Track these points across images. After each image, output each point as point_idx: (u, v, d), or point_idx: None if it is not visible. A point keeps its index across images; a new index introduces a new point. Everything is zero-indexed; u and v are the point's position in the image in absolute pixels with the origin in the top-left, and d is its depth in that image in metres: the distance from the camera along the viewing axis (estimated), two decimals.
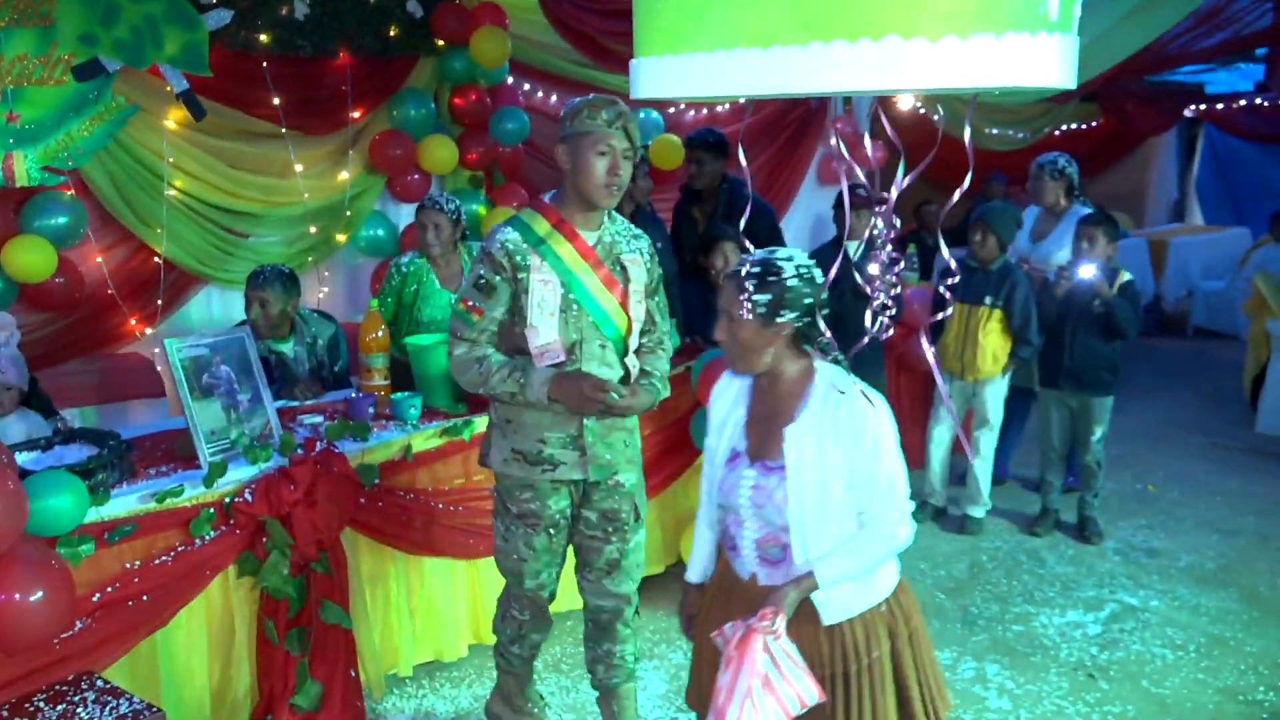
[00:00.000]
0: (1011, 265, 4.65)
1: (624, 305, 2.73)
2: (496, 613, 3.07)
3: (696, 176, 4.98)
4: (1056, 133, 10.40)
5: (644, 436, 3.99)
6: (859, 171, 1.49)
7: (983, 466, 4.83)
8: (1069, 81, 1.11)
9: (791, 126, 7.32)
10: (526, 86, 5.66)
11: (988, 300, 4.60)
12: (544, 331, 2.64)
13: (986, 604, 4.11)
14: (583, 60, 5.64)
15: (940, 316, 3.19)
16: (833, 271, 1.65)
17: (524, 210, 2.76)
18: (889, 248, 1.34)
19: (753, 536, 2.11)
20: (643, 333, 2.84)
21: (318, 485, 2.93)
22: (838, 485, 2.03)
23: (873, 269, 4.66)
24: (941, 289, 2.65)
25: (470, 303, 2.66)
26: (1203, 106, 12.00)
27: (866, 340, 1.38)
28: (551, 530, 2.82)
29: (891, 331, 1.47)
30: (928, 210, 8.28)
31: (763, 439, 2.12)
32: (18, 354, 3.20)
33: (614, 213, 2.79)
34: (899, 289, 1.38)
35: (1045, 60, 1.05)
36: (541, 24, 5.24)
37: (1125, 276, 4.52)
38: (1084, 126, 11.23)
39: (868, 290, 4.66)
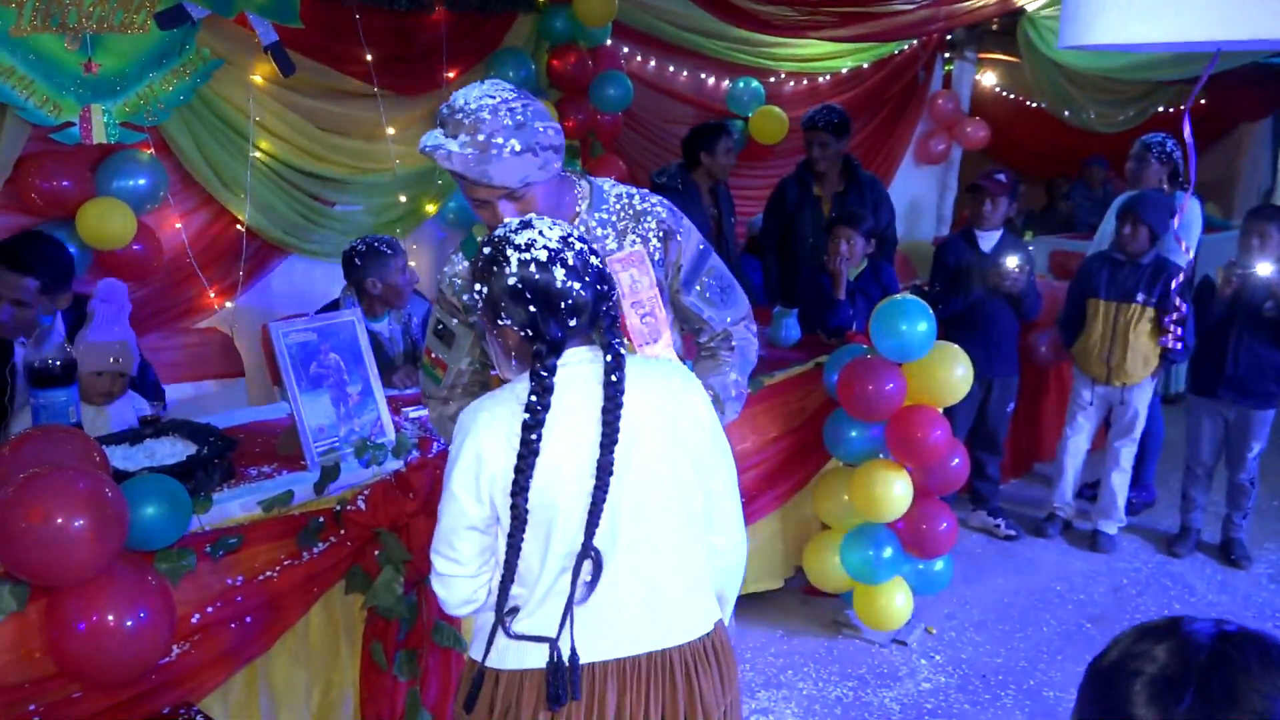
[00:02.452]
0: (1165, 259, 4.22)
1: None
2: None
3: (819, 160, 4.60)
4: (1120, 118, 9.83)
5: (770, 439, 3.64)
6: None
7: (1121, 479, 4.42)
8: None
9: (892, 102, 6.86)
10: (626, 50, 5.25)
11: (1139, 298, 4.17)
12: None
13: None
14: (690, 25, 5.26)
15: None
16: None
17: (478, 227, 2.20)
18: None
19: None
20: (695, 333, 2.25)
21: (437, 493, 2.57)
22: None
23: (1011, 262, 4.18)
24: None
25: (434, 355, 2.15)
26: None
27: None
28: None
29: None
30: (1022, 193, 7.81)
31: None
32: (131, 332, 2.84)
33: (599, 189, 2.11)
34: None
35: None
36: None
37: None
38: (1174, 110, 10.64)
39: (1005, 285, 4.18)
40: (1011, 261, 4.14)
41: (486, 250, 1.66)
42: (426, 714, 2.66)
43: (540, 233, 1.65)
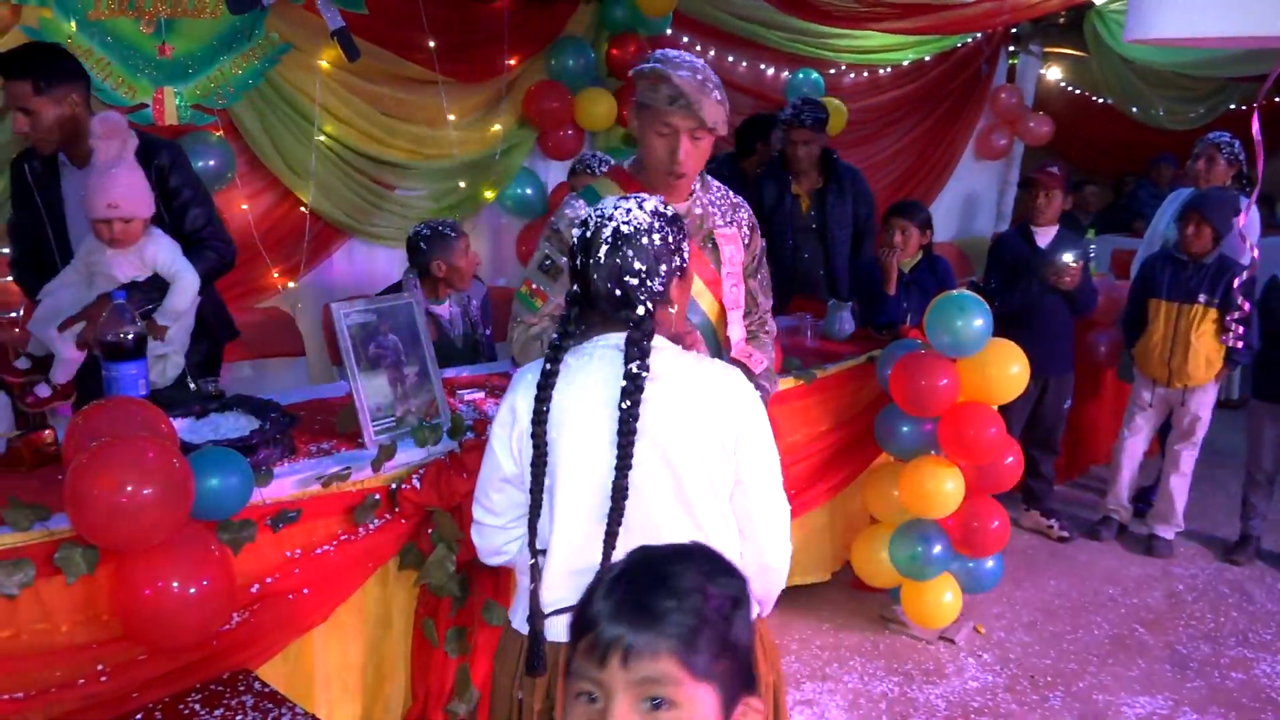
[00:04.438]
0: (1228, 259, 4.13)
1: (714, 288, 2.35)
2: None
3: (804, 158, 4.41)
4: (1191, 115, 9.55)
5: (821, 432, 3.63)
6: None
7: (1180, 483, 4.34)
8: None
9: (953, 96, 6.78)
10: (686, 40, 5.26)
11: (1201, 298, 4.09)
12: None
13: (1195, 644, 3.64)
14: (750, 16, 5.25)
15: None
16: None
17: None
18: None
19: None
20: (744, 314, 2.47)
21: None
22: None
23: (1067, 257, 4.12)
24: None
25: (535, 286, 2.30)
26: None
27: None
28: None
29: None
30: (1088, 191, 7.67)
31: None
32: (137, 170, 2.74)
33: (708, 178, 2.44)
34: None
35: None
36: None
37: None
38: (1246, 107, 10.35)
39: (1061, 281, 4.12)
40: (1067, 257, 4.07)
41: (595, 205, 1.78)
42: (475, 690, 2.71)
43: (613, 224, 1.68)
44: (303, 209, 4.12)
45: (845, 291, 4.51)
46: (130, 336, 2.52)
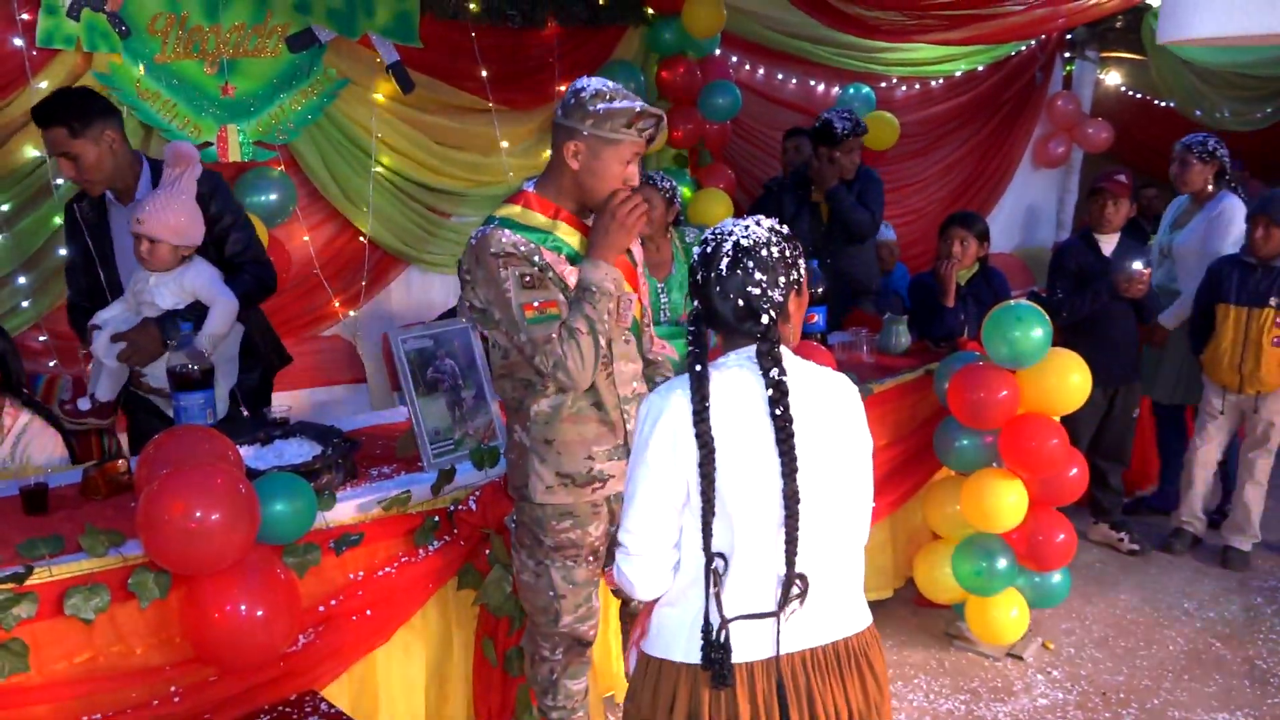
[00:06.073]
0: None
1: (638, 289, 2.42)
2: (524, 659, 2.62)
3: (850, 168, 4.33)
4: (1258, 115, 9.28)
5: (880, 447, 3.59)
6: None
7: (1256, 492, 4.21)
8: None
9: (1009, 104, 6.70)
10: (735, 59, 5.29)
11: (1273, 302, 3.98)
12: None
13: (1276, 658, 3.53)
14: (798, 32, 5.26)
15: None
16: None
17: (502, 214, 2.27)
18: None
19: None
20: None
21: None
22: None
23: (1138, 265, 4.02)
24: None
25: (537, 303, 2.17)
26: None
27: None
28: (591, 558, 2.40)
29: None
30: (1147, 194, 7.50)
31: None
32: (189, 204, 2.85)
33: None
34: None
35: None
36: None
37: None
38: None
39: (1132, 289, 4.02)
40: (1137, 264, 3.99)
41: (712, 227, 1.82)
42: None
43: (732, 239, 1.73)
44: (361, 239, 4.21)
45: (856, 286, 4.50)
46: (197, 368, 2.61)
